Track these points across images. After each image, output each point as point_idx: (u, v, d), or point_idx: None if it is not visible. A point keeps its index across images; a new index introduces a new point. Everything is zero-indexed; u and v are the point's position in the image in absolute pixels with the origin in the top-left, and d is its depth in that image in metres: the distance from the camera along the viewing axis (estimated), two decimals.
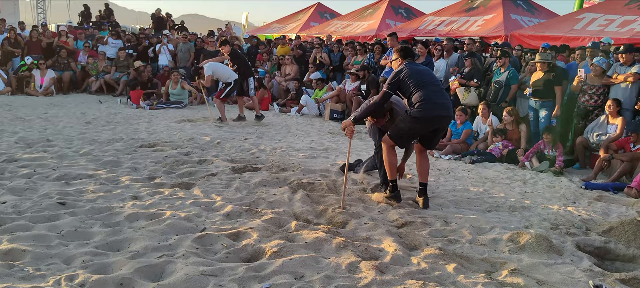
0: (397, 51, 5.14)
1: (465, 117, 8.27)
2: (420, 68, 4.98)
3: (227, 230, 4.03)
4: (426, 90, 4.73)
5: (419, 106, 4.69)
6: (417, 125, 4.81)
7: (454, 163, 7.35)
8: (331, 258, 3.55)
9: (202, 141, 7.80)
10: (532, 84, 7.94)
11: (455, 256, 3.74)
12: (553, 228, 4.52)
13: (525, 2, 15.16)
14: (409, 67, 4.86)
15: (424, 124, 4.81)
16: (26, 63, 12.96)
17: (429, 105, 4.69)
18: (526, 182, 6.44)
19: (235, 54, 10.32)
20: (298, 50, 14.33)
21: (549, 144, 7.22)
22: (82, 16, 21.32)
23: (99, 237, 3.79)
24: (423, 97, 4.68)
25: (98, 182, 5.28)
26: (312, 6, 23.24)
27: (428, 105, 4.69)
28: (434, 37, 13.29)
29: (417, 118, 4.73)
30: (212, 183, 5.45)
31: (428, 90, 4.74)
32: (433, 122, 4.84)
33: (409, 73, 4.80)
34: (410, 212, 4.80)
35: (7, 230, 3.81)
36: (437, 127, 4.96)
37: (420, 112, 4.70)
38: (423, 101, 4.68)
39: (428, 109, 4.70)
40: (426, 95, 4.70)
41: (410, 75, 4.79)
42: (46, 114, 9.89)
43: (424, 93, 4.70)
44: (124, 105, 11.82)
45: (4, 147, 6.75)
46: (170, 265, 3.33)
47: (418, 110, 4.70)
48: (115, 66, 13.91)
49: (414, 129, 4.87)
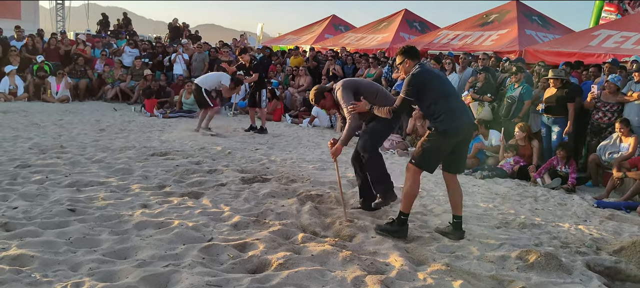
0: (402, 53, 4.52)
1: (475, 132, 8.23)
2: (440, 74, 4.75)
3: (233, 240, 4.04)
4: (451, 99, 4.35)
5: (444, 117, 4.24)
6: (447, 140, 4.32)
7: (464, 178, 7.29)
8: (337, 272, 3.54)
9: (213, 150, 7.85)
10: (545, 100, 7.88)
11: (462, 272, 3.71)
12: (563, 246, 4.46)
13: (541, 17, 15.10)
14: (428, 71, 4.42)
15: (454, 136, 4.33)
16: (36, 61, 13.16)
17: (457, 114, 4.29)
18: (537, 198, 6.38)
19: (256, 63, 10.38)
20: (313, 61, 14.39)
21: (562, 160, 7.15)
22: (100, 24, 21.68)
23: (107, 244, 3.82)
24: (449, 108, 4.27)
25: (108, 189, 5.33)
26: (327, 18, 23.35)
27: (456, 115, 4.28)
28: (447, 50, 13.26)
29: (446, 130, 4.26)
30: (221, 193, 5.48)
31: (454, 100, 4.38)
32: (460, 132, 4.37)
33: (431, 78, 4.37)
34: (418, 226, 4.77)
35: (17, 235, 3.86)
36: (461, 139, 4.46)
37: (447, 123, 4.24)
38: (450, 111, 4.26)
39: (457, 118, 4.28)
40: (452, 105, 4.31)
41: (433, 80, 4.36)
42: (61, 121, 10.02)
43: (449, 103, 4.31)
44: (138, 113, 11.95)
45: (17, 152, 6.85)
46: (175, 274, 3.34)
47: (444, 121, 4.24)
48: (130, 74, 14.08)
49: (444, 145, 4.34)
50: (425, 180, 6.91)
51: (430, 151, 4.34)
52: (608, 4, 15.40)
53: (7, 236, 3.84)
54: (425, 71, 4.39)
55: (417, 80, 4.33)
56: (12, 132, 8.37)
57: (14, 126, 9.02)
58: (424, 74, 4.36)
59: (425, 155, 4.36)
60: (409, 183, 4.41)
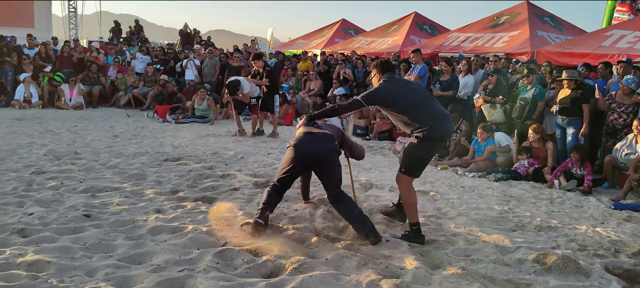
0: (374, 66, 4.67)
1: (487, 134, 8.16)
2: (410, 84, 4.67)
3: (247, 244, 4.04)
4: (431, 105, 4.38)
5: (432, 124, 4.25)
6: (435, 145, 4.43)
7: (477, 181, 7.24)
8: (351, 276, 3.52)
9: (225, 155, 7.86)
10: (559, 101, 7.80)
11: (478, 276, 3.66)
12: (580, 249, 4.41)
13: (552, 18, 14.99)
14: (393, 83, 4.43)
15: (441, 141, 4.53)
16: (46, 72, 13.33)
17: (442, 120, 4.34)
18: (553, 201, 6.31)
19: (269, 69, 10.40)
20: (323, 65, 14.40)
21: (577, 162, 7.07)
22: (113, 32, 21.89)
23: (122, 249, 3.84)
24: (431, 114, 4.30)
25: (123, 194, 5.37)
26: (337, 22, 23.38)
27: (440, 121, 4.31)
28: (458, 53, 13.20)
29: (434, 138, 4.28)
30: (234, 198, 5.48)
31: (433, 105, 4.40)
32: (446, 136, 4.58)
33: (397, 90, 4.37)
34: (432, 229, 4.73)
35: (33, 241, 3.89)
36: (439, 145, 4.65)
37: (435, 130, 4.26)
38: (433, 118, 4.28)
39: (443, 123, 4.35)
40: (433, 110, 4.34)
41: (401, 92, 4.35)
42: (75, 127, 10.11)
43: (430, 109, 4.33)
44: (151, 119, 12.02)
45: (33, 158, 6.92)
46: (190, 279, 3.34)
47: (432, 128, 4.24)
48: (143, 80, 14.18)
49: (432, 151, 4.45)
50: (439, 184, 6.88)
51: (421, 159, 4.38)
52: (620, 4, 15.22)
53: (23, 242, 3.88)
54: (393, 83, 4.44)
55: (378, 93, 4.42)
56: (27, 139, 8.46)
57: (29, 133, 9.12)
58: (390, 85, 4.40)
59: (417, 162, 4.38)
60: (403, 194, 4.44)
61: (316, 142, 4.46)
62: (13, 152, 7.30)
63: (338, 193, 4.44)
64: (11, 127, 9.65)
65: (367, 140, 10.55)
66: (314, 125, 4.61)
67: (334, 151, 4.52)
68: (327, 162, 4.43)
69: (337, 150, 4.57)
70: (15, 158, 6.93)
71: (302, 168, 4.54)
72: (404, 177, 4.39)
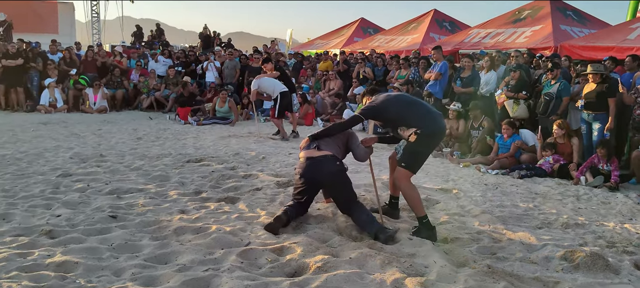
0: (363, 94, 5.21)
1: (512, 130, 8.06)
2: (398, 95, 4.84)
3: (271, 244, 4.05)
4: (422, 106, 4.62)
5: (428, 121, 4.42)
6: (434, 141, 4.60)
7: (501, 178, 7.15)
8: (375, 274, 3.50)
9: (247, 156, 7.91)
10: (584, 96, 7.66)
11: (505, 274, 3.61)
12: (609, 246, 4.32)
13: (575, 12, 14.73)
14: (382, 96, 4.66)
15: (436, 138, 4.64)
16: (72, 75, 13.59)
17: (435, 118, 4.51)
18: (579, 197, 6.19)
19: (280, 70, 10.42)
20: (343, 64, 14.38)
21: (603, 157, 6.93)
22: (135, 36, 22.19)
23: (148, 249, 3.89)
24: (425, 113, 4.50)
25: (147, 195, 5.43)
26: (356, 21, 23.33)
27: (434, 118, 4.49)
28: (479, 49, 13.06)
29: (433, 133, 4.45)
30: (257, 198, 5.51)
31: (424, 105, 4.68)
32: (441, 134, 4.69)
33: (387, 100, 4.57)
34: (456, 227, 4.69)
35: (61, 242, 3.96)
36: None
37: (432, 126, 4.42)
38: (428, 116, 4.47)
39: (436, 121, 4.51)
40: (426, 110, 4.57)
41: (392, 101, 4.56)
42: (100, 130, 10.28)
43: (422, 109, 4.54)
44: (173, 121, 12.15)
45: (59, 161, 7.05)
46: (215, 278, 3.37)
47: (430, 126, 4.41)
48: (164, 83, 14.35)
49: (430, 147, 4.57)
50: (462, 182, 6.81)
51: (421, 154, 4.49)
52: None
53: (51, 243, 3.95)
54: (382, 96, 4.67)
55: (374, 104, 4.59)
56: (54, 143, 8.63)
57: (55, 137, 9.30)
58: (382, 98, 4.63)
59: (417, 158, 4.47)
60: (405, 190, 4.46)
61: (317, 167, 4.54)
62: (40, 156, 7.45)
63: (346, 206, 4.57)
64: (38, 131, 9.85)
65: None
66: (316, 147, 4.64)
67: (337, 172, 4.56)
68: (331, 183, 4.62)
69: (340, 169, 4.60)
70: (42, 161, 7.07)
71: (313, 190, 4.73)
72: (404, 171, 4.43)
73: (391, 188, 5.03)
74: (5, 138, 8.97)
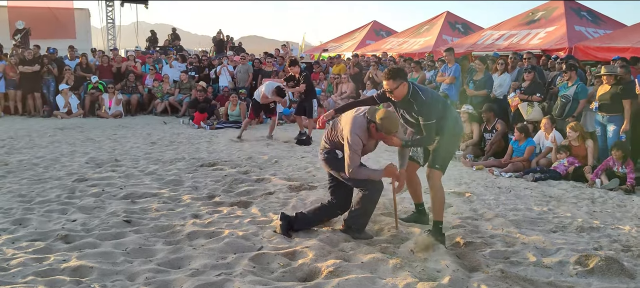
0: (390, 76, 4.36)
1: (526, 134, 7.98)
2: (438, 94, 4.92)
3: (283, 248, 4.07)
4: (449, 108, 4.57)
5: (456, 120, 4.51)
6: (458, 140, 4.71)
7: (515, 181, 7.10)
8: (387, 279, 3.50)
9: (259, 160, 7.94)
10: (599, 98, 7.57)
11: (518, 279, 3.59)
12: (624, 250, 4.27)
13: (590, 13, 14.57)
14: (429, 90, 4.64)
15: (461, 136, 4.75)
16: (91, 80, 13.78)
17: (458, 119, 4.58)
18: (594, 200, 6.12)
19: (305, 74, 10.45)
20: (355, 68, 14.38)
21: (618, 160, 6.84)
22: (149, 41, 22.41)
23: (161, 254, 3.93)
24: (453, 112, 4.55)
25: (161, 200, 5.48)
26: (368, 24, 23.32)
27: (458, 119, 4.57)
28: (492, 51, 12.98)
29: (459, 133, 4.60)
30: (270, 202, 5.53)
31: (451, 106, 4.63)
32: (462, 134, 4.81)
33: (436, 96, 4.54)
34: (469, 231, 4.66)
35: (76, 247, 4.02)
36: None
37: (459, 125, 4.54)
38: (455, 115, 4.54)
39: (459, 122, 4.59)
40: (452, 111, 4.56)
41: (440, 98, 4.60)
42: (115, 135, 10.39)
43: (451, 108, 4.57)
44: (186, 126, 12.24)
45: (75, 166, 7.15)
46: (228, 282, 3.40)
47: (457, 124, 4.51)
48: (178, 88, 14.47)
49: (456, 146, 4.71)
50: (475, 185, 6.77)
51: (450, 154, 4.54)
52: None
53: (67, 248, 4.01)
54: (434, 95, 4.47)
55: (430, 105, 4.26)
56: (70, 148, 8.75)
57: (71, 142, 9.42)
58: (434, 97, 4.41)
59: (447, 158, 4.49)
60: (437, 191, 4.39)
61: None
62: (56, 161, 7.55)
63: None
64: (54, 136, 9.99)
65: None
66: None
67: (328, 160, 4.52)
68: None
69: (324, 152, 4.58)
70: (58, 166, 7.17)
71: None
72: (439, 173, 4.40)
73: (414, 197, 4.95)
74: (22, 143, 9.12)
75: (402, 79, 4.24)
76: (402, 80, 4.24)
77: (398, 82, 4.23)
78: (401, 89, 4.25)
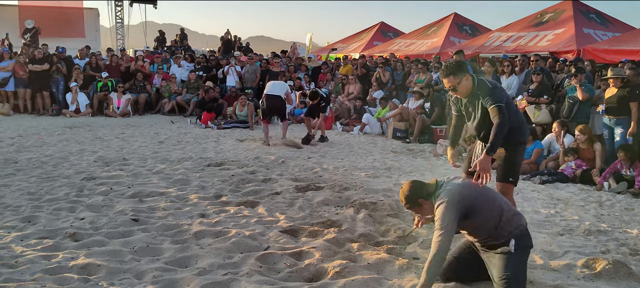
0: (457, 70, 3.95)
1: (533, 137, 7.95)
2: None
3: (290, 248, 4.08)
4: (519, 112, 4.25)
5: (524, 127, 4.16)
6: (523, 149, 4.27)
7: (522, 183, 7.07)
8: (394, 280, 3.51)
9: (266, 160, 7.96)
10: (606, 101, 7.54)
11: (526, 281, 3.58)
12: (632, 253, 4.25)
13: (598, 15, 14.49)
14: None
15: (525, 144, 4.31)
16: (101, 78, 13.90)
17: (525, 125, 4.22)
18: (602, 203, 6.10)
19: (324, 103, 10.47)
20: (362, 69, 14.38)
21: (626, 163, 6.81)
22: (157, 41, 22.51)
23: (168, 253, 3.95)
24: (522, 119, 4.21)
25: (168, 199, 5.51)
26: (375, 25, 23.30)
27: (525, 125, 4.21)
28: (500, 53, 12.94)
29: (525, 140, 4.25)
30: (276, 202, 5.55)
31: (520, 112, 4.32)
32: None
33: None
34: None
35: (84, 245, 4.05)
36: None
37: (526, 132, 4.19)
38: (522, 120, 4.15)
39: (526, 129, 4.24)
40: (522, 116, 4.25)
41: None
42: (123, 134, 10.45)
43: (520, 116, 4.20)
44: (194, 125, 12.29)
45: (83, 165, 7.20)
46: (234, 282, 3.41)
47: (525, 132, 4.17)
48: (186, 88, 14.53)
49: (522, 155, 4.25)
50: None
51: (519, 164, 4.24)
52: None
53: (75, 246, 4.04)
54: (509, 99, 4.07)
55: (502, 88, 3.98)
56: (78, 146, 8.81)
57: (80, 140, 9.49)
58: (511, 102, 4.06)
59: (518, 169, 4.23)
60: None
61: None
62: (65, 159, 7.61)
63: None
64: (63, 135, 10.07)
65: (408, 143, 10.47)
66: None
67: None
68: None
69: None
70: (66, 164, 7.23)
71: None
72: (511, 186, 4.19)
73: None
74: (31, 141, 9.19)
75: (463, 72, 3.78)
76: (464, 73, 3.79)
77: (460, 77, 3.81)
78: (465, 84, 3.83)
